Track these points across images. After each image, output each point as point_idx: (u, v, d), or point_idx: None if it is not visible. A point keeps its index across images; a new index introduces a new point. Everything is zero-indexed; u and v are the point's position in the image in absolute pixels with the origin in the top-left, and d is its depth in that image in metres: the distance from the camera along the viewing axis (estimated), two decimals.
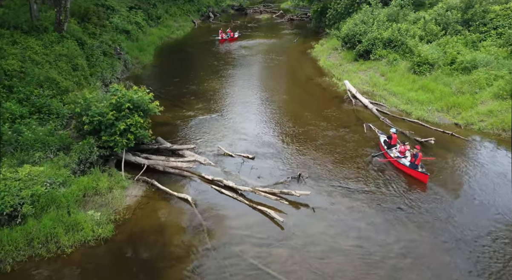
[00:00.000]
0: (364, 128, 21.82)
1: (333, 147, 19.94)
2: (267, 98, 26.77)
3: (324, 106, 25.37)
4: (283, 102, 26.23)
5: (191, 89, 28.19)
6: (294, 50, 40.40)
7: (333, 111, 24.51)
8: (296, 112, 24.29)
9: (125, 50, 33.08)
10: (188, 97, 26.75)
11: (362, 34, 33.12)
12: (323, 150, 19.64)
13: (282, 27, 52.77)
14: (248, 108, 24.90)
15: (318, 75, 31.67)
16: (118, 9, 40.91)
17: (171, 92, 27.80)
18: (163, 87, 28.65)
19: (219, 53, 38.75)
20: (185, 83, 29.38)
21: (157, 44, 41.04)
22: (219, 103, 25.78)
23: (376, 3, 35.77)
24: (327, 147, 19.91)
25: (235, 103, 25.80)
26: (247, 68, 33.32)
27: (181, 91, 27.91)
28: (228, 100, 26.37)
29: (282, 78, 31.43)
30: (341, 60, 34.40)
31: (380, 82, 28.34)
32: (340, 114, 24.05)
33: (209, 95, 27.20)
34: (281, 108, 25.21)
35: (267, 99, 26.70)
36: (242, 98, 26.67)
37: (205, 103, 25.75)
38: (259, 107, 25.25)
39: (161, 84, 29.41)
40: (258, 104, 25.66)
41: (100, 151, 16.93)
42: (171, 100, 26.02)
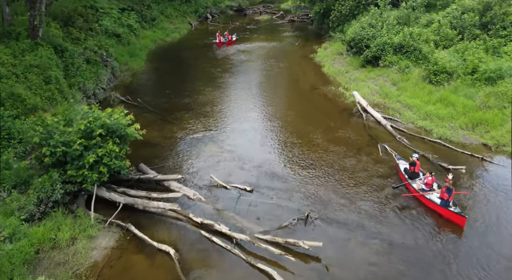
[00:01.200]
0: (379, 150, 18.48)
1: (345, 176, 16.58)
2: (268, 113, 23.33)
3: (332, 122, 22.02)
4: (286, 117, 22.79)
5: (184, 102, 24.77)
6: (296, 54, 36.96)
7: (342, 128, 21.15)
8: (300, 130, 20.90)
9: (114, 56, 29.67)
10: (181, 111, 23.34)
11: (370, 39, 29.70)
12: (333, 180, 16.27)
13: (283, 29, 49.28)
14: (247, 126, 21.46)
15: (323, 83, 28.26)
16: (109, 11, 37.47)
17: (162, 104, 24.40)
18: (153, 99, 25.26)
19: (216, 58, 35.29)
20: (178, 94, 25.96)
21: (150, 48, 37.60)
22: (215, 119, 22.35)
23: (385, 4, 32.29)
24: (337, 176, 16.54)
25: (232, 119, 22.35)
26: (246, 76, 29.88)
27: (173, 104, 24.50)
28: (225, 116, 22.92)
29: (284, 87, 27.99)
30: (347, 67, 30.99)
31: (392, 92, 24.95)
32: (350, 132, 20.66)
33: (204, 109, 23.78)
34: (283, 125, 21.78)
35: (268, 113, 23.26)
36: (240, 112, 23.24)
37: (199, 118, 22.34)
38: (258, 124, 21.81)
39: (151, 95, 26.02)
40: (257, 120, 22.21)
41: (66, 187, 13.59)
42: (161, 115, 22.66)
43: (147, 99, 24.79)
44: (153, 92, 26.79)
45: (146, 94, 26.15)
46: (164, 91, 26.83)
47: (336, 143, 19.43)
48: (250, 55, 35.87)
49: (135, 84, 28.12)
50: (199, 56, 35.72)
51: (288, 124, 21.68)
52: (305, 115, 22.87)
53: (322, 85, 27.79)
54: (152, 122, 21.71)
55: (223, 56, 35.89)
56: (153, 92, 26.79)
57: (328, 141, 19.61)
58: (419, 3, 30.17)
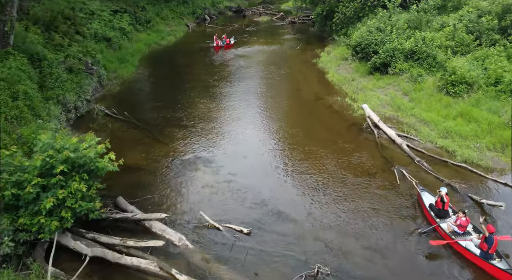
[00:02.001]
0: (396, 177, 15.62)
1: (360, 213, 13.72)
2: (270, 130, 20.38)
3: (340, 139, 19.16)
4: (290, 135, 19.82)
5: (176, 116, 21.84)
6: (298, 59, 34.03)
7: (352, 147, 18.29)
8: (306, 152, 18.00)
9: (101, 63, 26.74)
10: (172, 127, 20.45)
11: (379, 44, 26.76)
12: (346, 221, 13.37)
13: (283, 31, 46.27)
14: (246, 147, 18.48)
15: (328, 93, 25.37)
16: (99, 13, 34.50)
17: (151, 119, 21.51)
18: (142, 112, 22.39)
19: (212, 64, 32.31)
20: (170, 107, 23.04)
21: (143, 52, 34.62)
22: (210, 138, 19.40)
23: (394, 7, 29.32)
24: (352, 215, 13.63)
25: (230, 138, 19.39)
26: (245, 85, 26.92)
27: (163, 118, 21.59)
28: (221, 133, 19.92)
29: (286, 98, 25.02)
30: (353, 74, 28.07)
31: (405, 104, 22.06)
32: (361, 152, 17.79)
33: (197, 124, 20.84)
34: (287, 145, 18.84)
35: (270, 131, 20.30)
36: (239, 130, 20.29)
37: (192, 136, 19.44)
38: (260, 145, 18.77)
39: (140, 107, 23.13)
40: (258, 140, 19.22)
41: (19, 236, 10.74)
42: (149, 132, 19.79)
43: (135, 112, 21.88)
44: (143, 103, 23.90)
45: (134, 106, 23.25)
46: (154, 102, 23.94)
47: (347, 167, 16.57)
48: (249, 61, 32.92)
49: (123, 94, 25.18)
50: (195, 62, 32.76)
51: (292, 145, 18.73)
52: (310, 133, 19.94)
53: (327, 95, 24.88)
54: (138, 141, 18.89)
55: (220, 61, 32.93)
56: (143, 103, 23.90)
57: (338, 165, 16.73)
58: (432, 5, 27.18)
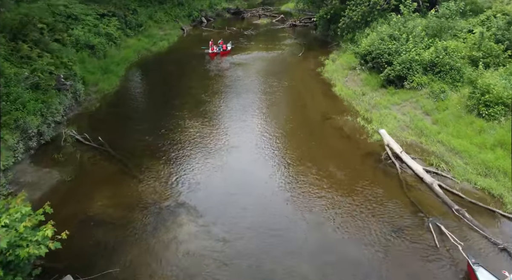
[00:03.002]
0: (432, 235, 11.79)
1: None
2: (270, 163, 16.45)
3: (355, 174, 15.36)
4: (294, 171, 15.87)
5: (159, 142, 17.96)
6: (300, 68, 30.10)
7: (370, 188, 14.48)
8: (316, 194, 14.17)
9: (80, 75, 22.78)
10: (152, 158, 16.60)
11: (393, 54, 22.83)
12: None
13: (283, 35, 42.22)
14: (243, 190, 14.55)
15: (337, 111, 21.49)
16: (83, 17, 30.50)
17: (129, 145, 17.64)
18: (119, 136, 18.50)
19: (207, 75, 28.26)
20: (154, 129, 19.17)
21: (131, 60, 30.63)
22: (198, 174, 15.49)
23: (410, 12, 25.32)
24: None
25: (223, 176, 15.47)
26: (242, 102, 22.95)
27: (144, 145, 17.71)
28: (212, 169, 15.96)
29: (289, 118, 20.98)
30: (363, 87, 24.19)
31: (429, 128, 18.22)
32: (383, 196, 13.97)
33: (185, 155, 16.96)
34: (292, 186, 14.93)
35: (270, 164, 16.36)
36: (234, 163, 16.30)
37: (176, 172, 15.61)
38: (259, 186, 14.85)
39: (119, 131, 19.22)
40: (257, 179, 15.30)
41: None
42: (122, 164, 15.95)
43: (113, 137, 18.01)
44: (123, 125, 19.97)
45: (113, 128, 19.36)
46: (137, 123, 20.03)
47: (366, 217, 12.74)
48: (246, 70, 28.97)
49: (102, 113, 21.26)
50: (188, 72, 28.81)
51: (298, 185, 14.82)
52: (319, 165, 16.05)
53: (336, 114, 21.00)
54: (110, 178, 15.07)
55: (216, 72, 28.93)
56: (123, 125, 19.97)
57: (354, 209, 13.01)
58: (454, 10, 23.16)
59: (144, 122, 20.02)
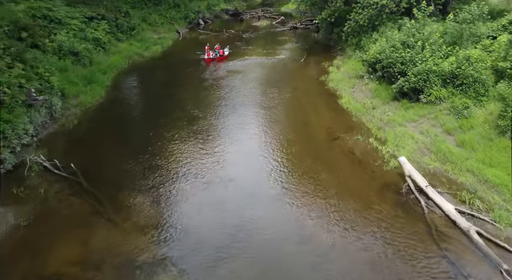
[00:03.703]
0: None
1: None
2: (271, 200, 13.60)
3: (371, 215, 12.46)
4: (297, 209, 13.06)
5: (142, 171, 15.06)
6: (303, 76, 27.21)
7: (391, 231, 11.67)
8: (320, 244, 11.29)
9: (58, 87, 19.87)
10: (132, 189, 13.74)
11: (407, 63, 19.90)
12: None
13: (284, 39, 39.23)
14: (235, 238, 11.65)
15: (345, 128, 18.62)
16: (68, 21, 27.53)
17: (107, 176, 14.73)
18: (96, 162, 15.59)
19: (201, 85, 25.23)
20: (137, 153, 16.25)
21: (120, 68, 27.70)
22: (185, 215, 12.63)
23: (425, 16, 22.33)
24: None
25: (214, 216, 12.61)
26: (239, 118, 19.99)
27: (124, 175, 14.81)
28: (202, 205, 13.13)
29: (291, 137, 17.93)
30: (373, 99, 21.30)
31: (454, 152, 15.34)
32: (408, 248, 11.10)
33: (170, 186, 14.09)
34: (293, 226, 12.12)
35: (272, 202, 13.53)
36: (228, 200, 13.45)
37: (159, 210, 12.74)
38: (256, 232, 11.99)
39: (96, 154, 16.28)
40: (255, 225, 12.36)
41: None
42: (96, 200, 13.07)
43: (88, 163, 15.14)
44: (103, 146, 17.03)
45: (90, 150, 16.45)
46: (118, 145, 17.09)
47: None
48: (244, 79, 26.01)
49: (81, 131, 18.35)
50: (181, 81, 25.89)
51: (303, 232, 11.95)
52: (328, 204, 13.16)
53: (345, 132, 18.11)
54: (79, 221, 12.18)
55: (211, 80, 25.95)
56: (103, 146, 17.03)
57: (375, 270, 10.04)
58: (477, 14, 20.16)
59: (128, 143, 17.11)
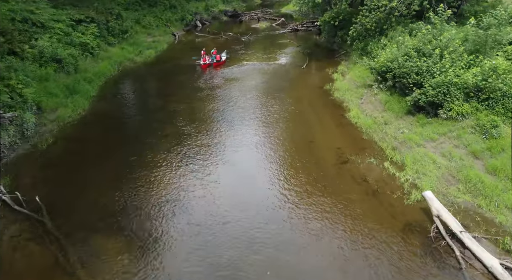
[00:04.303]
0: None
1: None
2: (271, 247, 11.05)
3: (393, 268, 9.87)
4: (304, 259, 10.52)
5: (120, 203, 12.52)
6: (306, 84, 24.63)
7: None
8: None
9: (34, 100, 17.33)
10: (106, 231, 11.19)
11: (423, 74, 17.34)
12: None
13: (285, 42, 36.62)
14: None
15: (355, 148, 16.06)
16: (52, 25, 24.89)
17: (78, 210, 12.17)
18: (67, 192, 13.04)
19: (195, 95, 22.51)
20: (116, 182, 13.70)
21: (109, 75, 25.14)
22: (168, 269, 10.08)
23: (442, 21, 19.67)
24: None
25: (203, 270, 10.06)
26: (235, 135, 17.35)
27: (99, 208, 12.26)
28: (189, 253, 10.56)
29: (295, 161, 15.21)
30: (384, 112, 18.75)
31: (484, 181, 12.82)
32: None
33: (150, 226, 11.55)
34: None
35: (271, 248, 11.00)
36: (221, 240, 10.89)
37: (133, 260, 10.17)
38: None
39: (68, 182, 13.68)
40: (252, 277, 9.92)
41: None
42: (60, 247, 10.48)
43: (58, 194, 12.61)
44: (78, 171, 14.42)
45: (63, 177, 13.88)
46: (96, 170, 14.48)
47: None
48: (242, 88, 23.42)
49: (55, 152, 15.78)
50: (173, 90, 23.32)
51: None
52: (339, 251, 10.60)
53: (355, 153, 15.55)
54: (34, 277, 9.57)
55: (206, 90, 23.32)
56: (78, 171, 14.42)
57: None
58: (504, 18, 17.48)
59: (109, 167, 14.53)
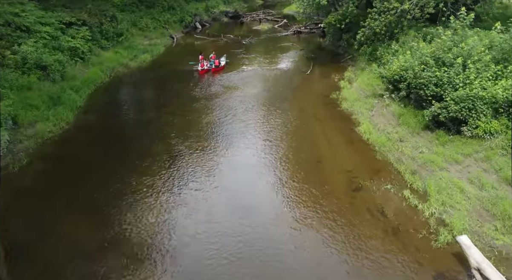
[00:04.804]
0: None
1: None
2: None
3: None
4: None
5: (94, 245, 10.38)
6: (310, 93, 22.43)
7: None
8: None
9: (7, 114, 15.17)
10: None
11: (443, 86, 15.12)
12: None
13: (287, 45, 34.38)
14: None
15: (368, 170, 13.89)
16: (38, 28, 22.74)
17: (44, 255, 10.04)
18: (37, 227, 10.91)
19: (190, 106, 20.24)
20: (94, 210, 11.57)
21: (99, 82, 23.02)
22: None
23: (464, 26, 17.38)
24: None
25: None
26: (233, 154, 15.22)
27: (69, 249, 10.14)
28: None
29: (301, 188, 13.04)
30: (399, 127, 16.57)
31: None
32: None
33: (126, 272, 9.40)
34: None
35: None
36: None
37: None
38: None
39: (37, 215, 11.53)
40: None
41: None
42: None
43: (24, 235, 10.49)
44: (50, 203, 12.27)
45: (32, 211, 11.73)
46: (69, 201, 12.32)
47: None
48: (242, 97, 21.22)
49: (27, 176, 13.64)
50: (167, 99, 21.17)
51: None
52: None
53: (369, 178, 13.38)
54: None
55: (202, 100, 21.09)
56: (50, 203, 12.27)
57: None
58: None
59: (84, 195, 12.39)
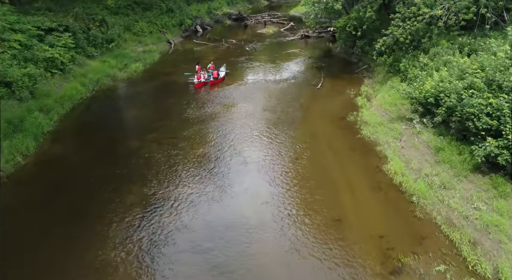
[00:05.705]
0: None
1: None
2: None
3: None
4: None
5: None
6: (323, 112, 18.51)
7: None
8: None
9: None
10: None
11: (502, 118, 11.19)
12: None
13: (295, 52, 30.28)
14: None
15: (408, 237, 10.00)
16: (7, 36, 19.00)
17: None
18: None
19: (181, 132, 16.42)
20: None
21: (78, 98, 19.31)
22: None
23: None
24: None
25: None
26: (228, 204, 11.46)
27: None
28: None
29: (312, 261, 9.35)
30: (437, 165, 12.72)
31: None
32: None
33: None
34: None
35: None
36: None
37: None
38: None
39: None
40: None
41: None
42: None
43: None
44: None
45: None
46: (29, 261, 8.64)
47: None
48: (242, 119, 17.34)
49: None
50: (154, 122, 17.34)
51: None
52: None
53: (410, 251, 9.55)
54: None
55: (196, 123, 17.20)
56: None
57: None
58: None
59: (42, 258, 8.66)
